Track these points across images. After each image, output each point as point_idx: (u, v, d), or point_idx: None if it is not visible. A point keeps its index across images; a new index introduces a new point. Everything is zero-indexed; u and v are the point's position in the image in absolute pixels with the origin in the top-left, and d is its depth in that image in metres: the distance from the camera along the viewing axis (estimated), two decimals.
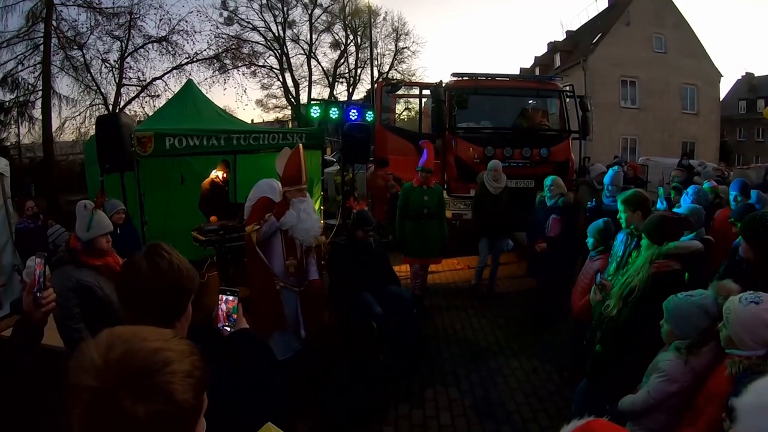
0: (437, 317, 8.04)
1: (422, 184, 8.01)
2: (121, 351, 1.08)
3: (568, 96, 12.10)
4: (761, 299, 2.58)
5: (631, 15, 34.63)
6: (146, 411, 1.03)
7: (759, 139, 50.38)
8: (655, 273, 3.77)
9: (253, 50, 36.54)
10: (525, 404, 5.56)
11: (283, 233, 5.39)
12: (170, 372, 1.08)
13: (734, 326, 2.59)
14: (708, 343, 2.95)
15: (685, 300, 3.09)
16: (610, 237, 5.42)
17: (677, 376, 2.97)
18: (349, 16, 39.64)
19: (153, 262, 1.97)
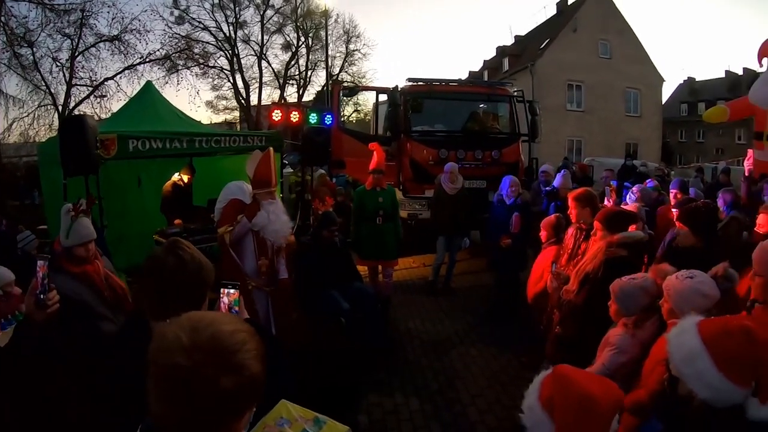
0: (398, 313, 8.24)
1: (375, 186, 8.13)
2: (209, 334, 1.24)
3: (518, 100, 12.60)
4: (694, 275, 3.00)
5: (578, 21, 35.61)
6: (233, 383, 1.21)
7: (699, 140, 52.61)
8: (607, 259, 4.21)
9: (204, 50, 36.15)
10: (488, 388, 5.89)
11: (254, 234, 5.43)
12: (247, 350, 1.26)
13: (674, 299, 2.96)
14: (650, 318, 3.35)
15: (628, 282, 3.46)
16: (561, 230, 5.83)
17: (627, 348, 3.33)
18: (301, 17, 39.40)
19: (177, 256, 2.13)
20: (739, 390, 1.88)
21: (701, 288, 2.93)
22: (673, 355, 2.06)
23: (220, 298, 2.24)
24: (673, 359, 2.06)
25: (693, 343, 1.97)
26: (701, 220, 4.34)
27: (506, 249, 7.83)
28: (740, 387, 1.88)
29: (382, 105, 13.47)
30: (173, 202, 9.05)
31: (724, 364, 1.89)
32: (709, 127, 47.66)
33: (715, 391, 1.90)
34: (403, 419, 5.28)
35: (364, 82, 37.51)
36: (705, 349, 1.93)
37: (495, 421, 5.27)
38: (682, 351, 2.01)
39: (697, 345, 1.96)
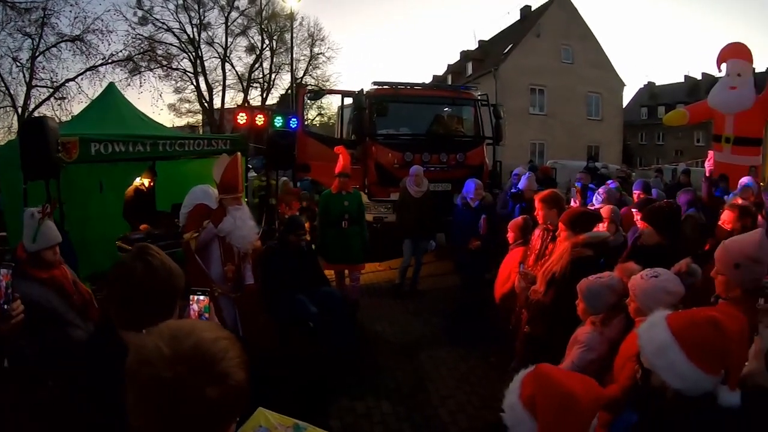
0: (365, 316, 8.21)
1: (341, 190, 8.11)
2: (191, 343, 1.20)
3: (483, 104, 12.73)
4: (659, 273, 3.07)
5: (542, 27, 36.15)
6: (218, 393, 1.17)
7: (659, 142, 53.86)
8: (574, 259, 4.30)
9: (168, 52, 35.69)
10: (457, 389, 5.92)
11: (220, 240, 5.35)
12: (230, 358, 1.22)
13: (640, 298, 3.02)
14: (618, 316, 3.41)
15: (595, 281, 3.53)
16: (528, 232, 5.90)
17: (595, 345, 3.40)
18: (265, 20, 39.28)
19: (146, 262, 2.05)
20: (709, 378, 1.94)
21: (666, 285, 3.01)
22: (644, 349, 2.10)
23: (190, 305, 2.19)
24: (644, 352, 2.10)
25: (663, 336, 2.02)
26: (665, 220, 4.46)
27: (473, 251, 7.91)
28: (710, 375, 1.93)
29: (347, 108, 13.45)
30: (136, 207, 8.85)
31: (695, 354, 1.94)
32: (669, 130, 48.68)
33: (687, 381, 1.95)
34: (376, 422, 5.27)
35: (328, 85, 37.79)
36: (675, 341, 1.98)
37: (466, 421, 5.29)
38: (653, 344, 2.06)
39: (668, 337, 2.01)
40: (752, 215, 5.07)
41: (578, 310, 3.61)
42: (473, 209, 8.12)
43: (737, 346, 1.96)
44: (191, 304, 2.19)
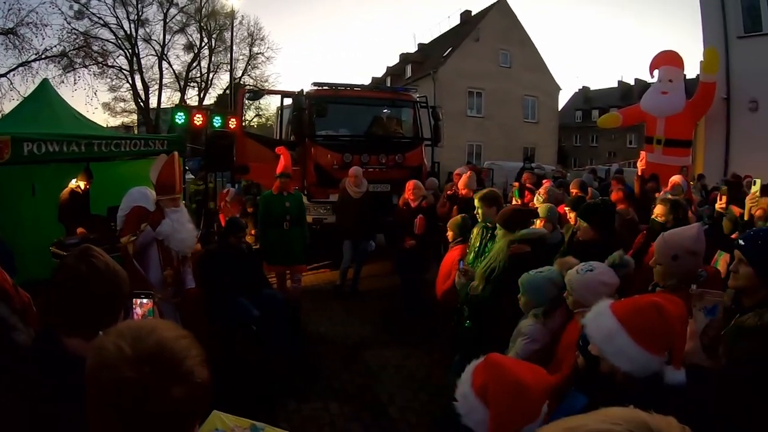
0: (308, 318, 8.17)
1: (282, 190, 8.02)
2: (153, 342, 1.15)
3: (422, 106, 12.87)
4: (594, 267, 3.18)
5: (481, 32, 36.72)
6: (184, 392, 1.12)
7: (593, 144, 55.78)
8: (511, 255, 4.41)
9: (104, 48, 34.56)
10: (404, 386, 5.99)
11: (159, 243, 5.21)
12: (193, 356, 1.19)
13: (578, 291, 3.12)
14: (558, 308, 3.51)
15: (536, 275, 3.64)
16: (467, 230, 5.99)
17: (538, 337, 3.49)
18: (205, 17, 38.54)
19: (90, 263, 1.94)
20: (656, 359, 2.03)
21: (601, 278, 3.11)
22: (593, 337, 2.17)
23: (133, 308, 2.15)
24: (593, 340, 2.17)
25: (610, 323, 2.11)
26: (599, 216, 4.61)
27: (410, 250, 8.00)
28: (657, 356, 2.03)
29: (287, 109, 13.40)
30: (71, 210, 8.40)
31: (641, 338, 2.02)
32: (602, 133, 50.25)
33: (635, 363, 2.03)
34: (324, 423, 5.26)
35: (267, 86, 37.50)
36: (621, 327, 2.07)
37: (415, 417, 5.36)
38: (601, 332, 2.13)
39: (614, 324, 2.09)
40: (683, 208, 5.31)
41: (520, 303, 3.70)
42: (412, 209, 8.21)
43: (679, 328, 2.06)
44: (134, 308, 2.15)
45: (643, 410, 0.82)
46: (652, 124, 14.90)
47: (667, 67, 14.79)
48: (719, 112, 15.87)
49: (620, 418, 0.80)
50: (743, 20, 15.55)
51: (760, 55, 15.06)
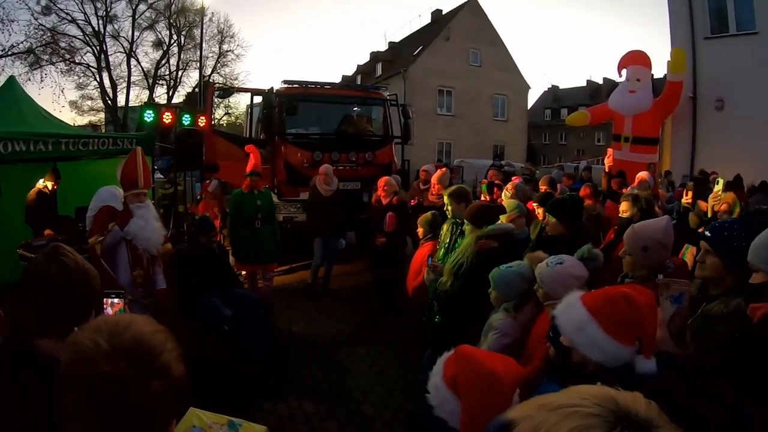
0: (280, 317, 8.15)
1: (252, 189, 7.99)
2: (130, 336, 1.15)
3: (392, 104, 12.88)
4: (563, 260, 3.22)
5: (452, 31, 36.93)
6: (162, 386, 1.12)
7: (562, 142, 56.82)
8: (479, 250, 4.44)
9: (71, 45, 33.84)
10: (378, 384, 6.03)
11: (127, 243, 5.12)
12: (170, 350, 1.19)
13: (548, 284, 3.16)
14: (529, 302, 3.54)
15: (507, 270, 3.67)
16: (437, 226, 6.05)
17: (509, 331, 3.52)
18: (174, 14, 37.95)
19: (60, 263, 1.92)
20: (626, 349, 2.06)
21: (571, 270, 3.16)
22: (564, 328, 2.20)
23: (104, 308, 2.12)
24: (564, 331, 2.19)
25: (580, 314, 2.14)
26: (567, 211, 4.70)
27: (382, 247, 8.04)
28: (627, 346, 2.06)
29: (256, 107, 13.33)
30: (39, 211, 8.18)
31: (611, 328, 2.05)
32: (571, 131, 51.06)
33: (606, 353, 2.06)
34: (300, 422, 5.27)
35: (236, 84, 36.81)
36: (592, 318, 2.10)
37: (389, 414, 5.40)
38: (572, 323, 2.16)
39: (585, 315, 2.12)
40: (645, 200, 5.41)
41: (491, 298, 3.74)
42: (384, 206, 8.26)
43: (648, 317, 2.09)
44: (106, 308, 2.13)
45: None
46: (620, 122, 15.24)
47: (635, 66, 15.18)
48: (686, 111, 16.25)
49: (589, 394, 0.84)
50: (710, 22, 15.91)
51: (726, 55, 15.42)
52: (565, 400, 0.84)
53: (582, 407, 0.81)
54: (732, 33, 15.54)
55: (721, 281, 2.67)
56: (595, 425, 0.78)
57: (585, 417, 0.79)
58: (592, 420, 0.78)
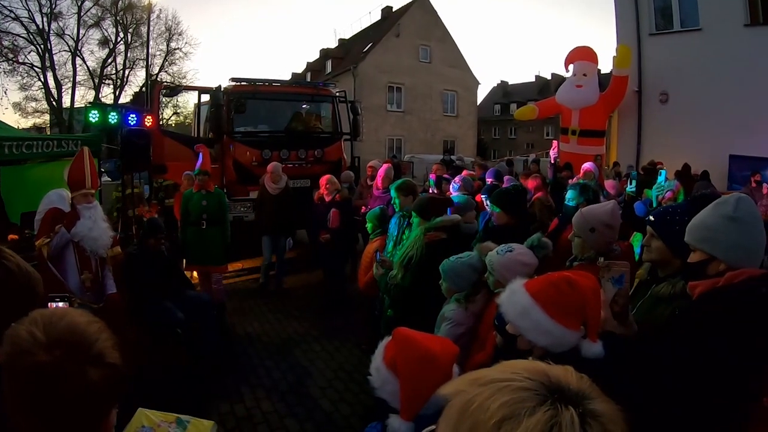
0: (234, 318, 8.09)
1: (201, 189, 7.88)
2: (64, 325, 1.17)
3: (341, 101, 12.90)
4: (513, 248, 3.30)
5: (402, 27, 37.04)
6: (99, 375, 1.13)
7: (511, 136, 57.57)
8: (428, 242, 4.50)
9: (14, 44, 32.63)
10: (335, 379, 6.09)
11: (75, 245, 4.99)
12: (105, 339, 1.20)
13: (498, 271, 3.23)
14: (480, 291, 3.60)
15: (457, 261, 3.72)
16: (385, 221, 6.12)
17: (462, 320, 3.57)
18: (121, 11, 36.88)
19: (1, 265, 1.86)
20: (571, 333, 2.09)
21: (521, 258, 3.24)
22: (508, 314, 2.21)
23: None
24: (509, 317, 2.21)
25: (524, 299, 2.15)
26: (511, 202, 4.79)
27: (327, 244, 8.09)
28: (572, 330, 2.09)
29: (204, 106, 13.05)
30: None
31: (555, 311, 2.08)
32: (521, 125, 51.96)
33: (551, 337, 2.09)
34: (258, 422, 5.26)
35: (185, 82, 36.08)
36: (535, 303, 2.12)
37: (348, 408, 5.46)
38: (516, 309, 2.18)
39: (528, 300, 2.14)
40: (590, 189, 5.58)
41: (442, 289, 3.79)
42: (327, 203, 8.30)
43: (592, 300, 2.11)
44: None
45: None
46: (568, 115, 15.59)
47: (581, 62, 15.57)
48: (632, 104, 16.75)
49: (521, 368, 0.86)
50: (655, 19, 16.41)
51: (671, 50, 15.94)
52: (497, 374, 0.86)
53: (514, 381, 0.83)
54: (676, 30, 16.04)
55: (667, 263, 2.77)
56: (526, 398, 0.80)
57: (516, 390, 0.81)
58: (523, 393, 0.80)
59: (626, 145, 17.20)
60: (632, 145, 16.93)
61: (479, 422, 0.80)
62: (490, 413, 0.79)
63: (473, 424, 0.81)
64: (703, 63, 14.95)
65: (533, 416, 0.77)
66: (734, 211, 2.20)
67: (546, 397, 0.80)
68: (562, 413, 0.78)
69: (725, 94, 14.23)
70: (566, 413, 0.78)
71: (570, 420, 0.77)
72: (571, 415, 0.78)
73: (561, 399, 0.80)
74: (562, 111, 16.00)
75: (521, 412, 0.78)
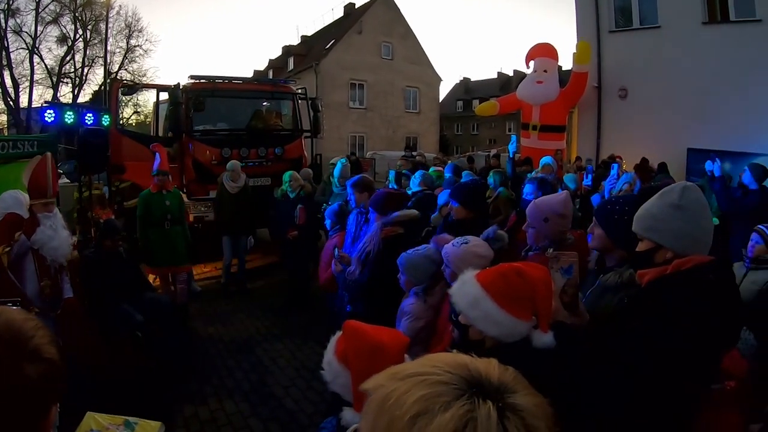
0: (196, 320, 8.02)
1: (161, 189, 7.79)
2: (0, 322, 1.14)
3: (301, 98, 12.84)
4: (469, 240, 3.32)
5: (364, 24, 36.96)
6: (36, 371, 1.11)
7: (474, 132, 58.06)
8: (385, 237, 4.53)
9: None
10: (298, 377, 6.09)
11: (34, 253, 4.87)
12: (42, 335, 1.17)
13: (455, 264, 3.23)
14: (439, 284, 3.61)
15: (414, 253, 3.74)
16: (344, 217, 6.11)
17: (421, 314, 3.60)
18: (80, 7, 35.82)
19: None
20: (522, 323, 2.11)
21: (476, 250, 3.26)
22: (459, 305, 2.24)
23: None
24: (460, 308, 2.23)
25: (474, 290, 2.17)
26: (469, 196, 4.79)
27: (294, 241, 8.05)
28: (522, 320, 2.11)
29: (163, 104, 12.80)
30: None
31: (505, 302, 2.10)
32: (483, 121, 52.34)
33: (502, 327, 2.11)
34: (222, 424, 5.23)
35: (145, 80, 35.36)
36: (485, 293, 2.14)
37: (311, 406, 5.45)
38: (466, 299, 2.20)
39: (479, 291, 2.16)
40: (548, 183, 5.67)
41: (401, 282, 3.80)
42: (291, 200, 8.27)
43: (542, 290, 2.13)
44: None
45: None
46: (528, 111, 15.81)
47: (542, 58, 15.80)
48: (591, 100, 17.05)
49: (441, 362, 0.85)
50: (615, 17, 16.78)
51: (630, 47, 16.29)
52: (417, 368, 0.85)
53: (432, 375, 0.82)
54: (636, 27, 16.39)
55: (609, 252, 2.84)
56: (442, 393, 0.79)
57: (433, 385, 0.80)
58: (440, 387, 0.80)
59: (586, 140, 17.50)
60: (592, 139, 17.23)
61: (395, 418, 0.79)
62: (405, 408, 0.78)
63: (390, 420, 0.80)
64: (662, 59, 15.30)
65: (448, 411, 0.76)
66: (680, 200, 2.24)
67: (463, 391, 0.79)
68: (479, 408, 0.77)
69: (683, 89, 14.59)
70: (483, 408, 0.77)
71: (486, 415, 0.76)
72: (489, 409, 0.77)
73: (480, 393, 0.80)
74: (523, 107, 16.21)
75: (435, 407, 0.77)
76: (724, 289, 2.24)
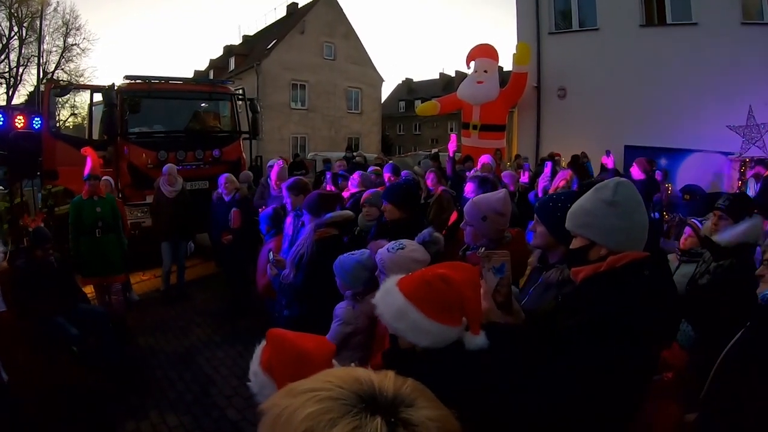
0: (136, 330, 7.77)
1: (92, 194, 7.50)
2: None
3: (239, 99, 12.69)
4: (404, 245, 3.25)
5: (306, 24, 36.85)
6: None
7: (416, 132, 58.62)
8: (319, 239, 4.46)
9: None
10: (240, 386, 5.90)
11: None
12: None
13: (390, 270, 3.12)
14: (373, 290, 3.55)
15: (348, 258, 3.68)
16: (280, 221, 6.04)
17: (350, 320, 3.53)
18: (16, 3, 34.15)
19: None
20: (452, 329, 2.03)
21: (413, 255, 3.19)
22: (384, 316, 2.14)
23: None
24: (385, 320, 2.14)
25: (398, 300, 2.08)
26: (401, 196, 4.76)
27: (230, 246, 7.94)
28: (452, 326, 2.03)
29: (98, 106, 12.40)
30: None
31: (432, 311, 2.02)
32: (425, 121, 52.87)
33: (432, 336, 2.03)
34: None
35: (82, 80, 34.21)
36: (410, 303, 2.04)
37: (255, 415, 5.31)
38: (391, 310, 2.10)
39: (402, 301, 2.06)
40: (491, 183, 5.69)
41: (338, 284, 3.74)
42: (227, 203, 8.14)
43: (469, 293, 2.07)
44: None
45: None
46: (469, 110, 16.09)
47: (482, 58, 16.15)
48: (531, 99, 17.55)
49: (335, 377, 0.84)
50: (555, 18, 17.34)
51: (569, 48, 16.85)
52: (311, 384, 0.84)
53: (322, 391, 0.81)
54: (575, 29, 16.96)
55: (554, 250, 2.82)
56: (331, 409, 0.77)
57: (322, 401, 0.79)
58: (329, 404, 0.78)
59: (526, 139, 17.95)
60: (532, 138, 17.67)
61: None
62: (294, 426, 0.77)
63: None
64: (600, 60, 15.87)
65: (334, 428, 0.75)
66: (613, 196, 2.22)
67: (352, 407, 0.78)
68: (367, 424, 0.75)
69: (621, 89, 15.14)
70: (371, 424, 0.75)
71: (374, 431, 0.75)
72: (377, 425, 0.75)
73: (371, 408, 0.78)
74: (464, 106, 16.49)
75: (321, 424, 0.75)
76: (659, 285, 2.24)
